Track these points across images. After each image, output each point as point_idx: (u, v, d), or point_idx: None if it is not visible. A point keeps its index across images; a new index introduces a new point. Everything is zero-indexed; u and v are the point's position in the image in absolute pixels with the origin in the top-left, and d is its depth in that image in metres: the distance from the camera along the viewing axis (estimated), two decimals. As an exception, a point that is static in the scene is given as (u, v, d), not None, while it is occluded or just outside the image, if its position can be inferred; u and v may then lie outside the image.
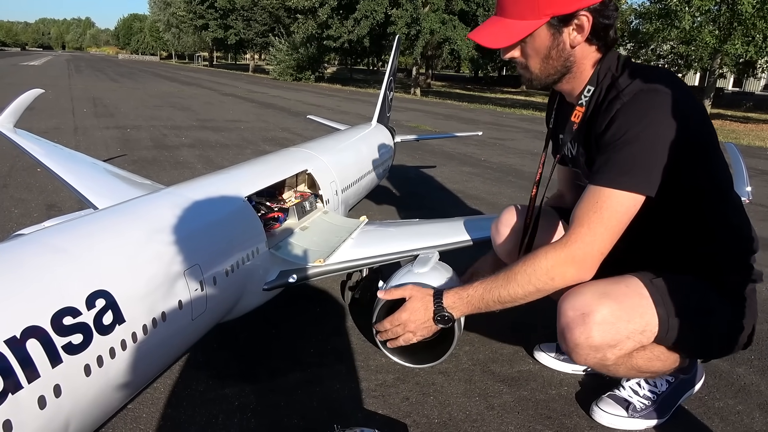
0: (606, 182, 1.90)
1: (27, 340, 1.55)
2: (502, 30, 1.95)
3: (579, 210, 1.96)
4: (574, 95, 2.15)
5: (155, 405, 2.60)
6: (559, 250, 1.97)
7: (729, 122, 23.34)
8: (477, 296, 2.12)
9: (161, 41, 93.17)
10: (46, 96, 14.65)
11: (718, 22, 16.62)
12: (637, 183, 1.88)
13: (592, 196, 1.93)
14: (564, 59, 2.01)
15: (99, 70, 43.05)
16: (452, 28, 29.64)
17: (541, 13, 1.88)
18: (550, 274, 1.98)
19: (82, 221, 2.31)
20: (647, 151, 1.86)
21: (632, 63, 2.03)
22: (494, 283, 2.08)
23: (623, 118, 1.89)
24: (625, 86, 1.94)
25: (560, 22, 1.91)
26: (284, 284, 3.01)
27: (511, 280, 2.04)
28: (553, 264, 1.97)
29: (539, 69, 2.05)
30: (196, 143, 10.48)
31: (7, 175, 7.00)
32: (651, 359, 2.22)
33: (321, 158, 4.11)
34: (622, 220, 1.91)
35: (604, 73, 2.03)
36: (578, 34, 1.95)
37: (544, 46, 1.97)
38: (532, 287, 2.02)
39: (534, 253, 2.03)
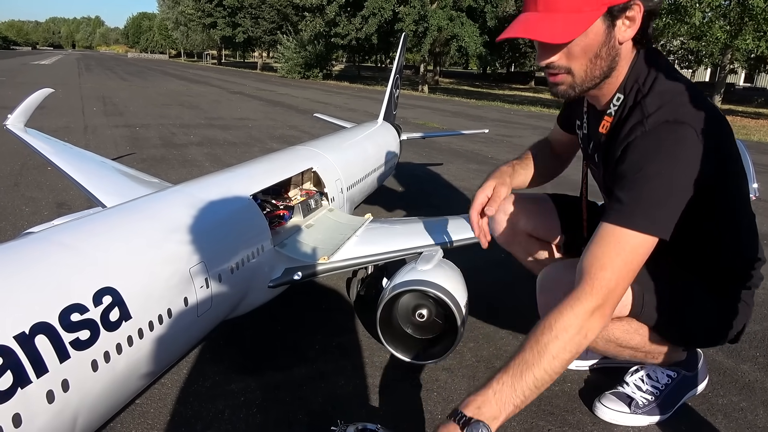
0: (627, 223, 1.74)
1: (36, 336, 1.59)
2: (557, 24, 1.67)
3: (599, 251, 1.75)
4: (602, 102, 1.99)
5: (162, 400, 2.64)
6: (586, 301, 1.68)
7: (740, 118, 23.14)
8: (507, 390, 1.53)
9: (170, 39, 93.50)
10: (56, 95, 14.79)
11: (729, 17, 16.46)
12: (659, 227, 1.75)
13: (611, 237, 1.75)
14: (612, 58, 1.80)
15: (108, 69, 43.32)
16: (460, 25, 29.54)
17: (600, 2, 1.65)
18: (583, 332, 1.65)
19: (91, 219, 2.36)
20: (670, 192, 1.74)
21: (661, 70, 1.85)
22: (523, 365, 1.56)
23: (643, 149, 1.76)
24: (650, 111, 1.79)
25: (616, 12, 1.68)
26: (289, 281, 3.04)
27: (544, 355, 1.57)
28: (583, 319, 1.65)
29: (585, 72, 1.80)
30: (204, 141, 10.54)
31: (18, 173, 7.09)
32: (628, 331, 2.22)
33: (326, 156, 4.14)
34: (642, 261, 1.78)
35: (633, 80, 1.87)
36: (629, 28, 1.73)
37: (597, 42, 1.73)
38: (569, 354, 1.61)
39: (557, 313, 1.66)
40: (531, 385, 1.54)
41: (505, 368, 1.57)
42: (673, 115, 1.75)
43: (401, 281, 2.81)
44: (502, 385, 1.53)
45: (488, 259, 4.48)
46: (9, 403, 1.47)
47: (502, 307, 3.79)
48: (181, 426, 2.48)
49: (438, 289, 2.71)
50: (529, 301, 3.86)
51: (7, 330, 1.54)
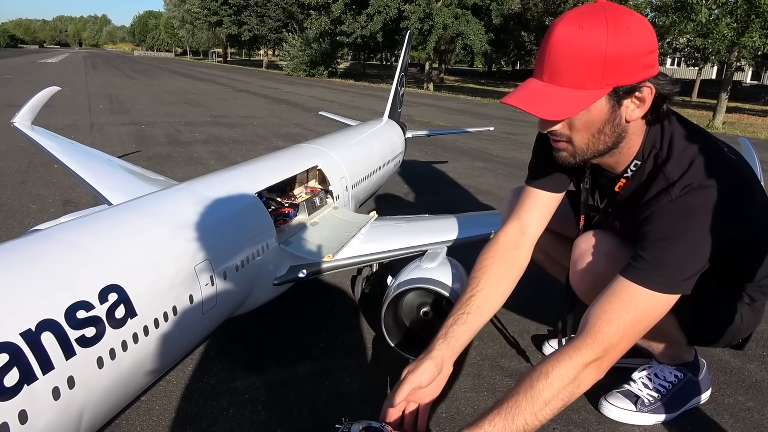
0: (645, 282, 1.73)
1: (42, 333, 1.60)
2: (557, 99, 1.65)
3: (608, 305, 1.74)
4: (618, 169, 1.97)
5: (167, 397, 2.64)
6: (585, 353, 1.68)
7: (747, 116, 23.03)
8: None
9: (176, 38, 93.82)
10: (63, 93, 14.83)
11: (736, 14, 16.33)
12: (676, 285, 1.74)
13: (625, 293, 1.74)
14: (617, 134, 1.77)
15: (115, 67, 43.46)
16: (465, 23, 29.50)
17: (604, 82, 1.61)
18: (577, 382, 1.66)
19: (97, 217, 2.36)
20: (692, 253, 1.73)
21: (679, 134, 1.83)
22: (515, 408, 1.59)
23: (668, 216, 1.76)
24: (674, 179, 1.77)
25: (623, 93, 1.66)
26: (294, 279, 3.04)
27: (536, 400, 1.60)
28: (578, 370, 1.66)
29: (587, 144, 1.78)
30: (210, 139, 10.56)
31: (25, 171, 7.12)
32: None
33: (331, 154, 4.14)
34: (653, 322, 1.77)
35: (649, 148, 1.85)
36: (637, 108, 1.70)
37: (600, 119, 1.71)
38: (560, 402, 1.64)
39: (555, 361, 1.67)
40: (521, 428, 1.57)
41: (498, 409, 1.60)
42: (697, 179, 1.74)
43: (406, 279, 2.80)
44: (494, 427, 1.56)
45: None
46: (15, 400, 1.48)
47: (506, 305, 3.77)
48: (186, 423, 2.48)
49: (442, 287, 2.70)
50: (533, 300, 3.86)
51: (13, 327, 1.55)
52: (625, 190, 1.99)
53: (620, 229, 2.16)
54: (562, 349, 1.72)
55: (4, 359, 1.48)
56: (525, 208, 2.28)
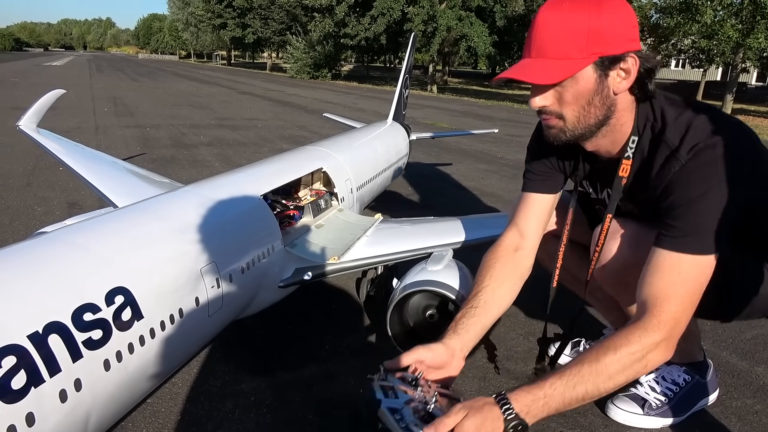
0: (684, 248, 1.75)
1: (49, 336, 1.60)
2: (545, 68, 1.73)
3: (659, 282, 1.76)
4: (615, 150, 2.01)
5: (173, 400, 2.65)
6: (654, 334, 1.68)
7: (752, 117, 22.93)
8: (557, 396, 1.57)
9: (180, 40, 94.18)
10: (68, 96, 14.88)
11: (741, 15, 16.30)
12: (715, 242, 1.74)
13: (670, 266, 1.76)
14: (607, 107, 1.83)
15: (119, 70, 43.65)
16: (469, 25, 29.51)
17: (588, 51, 1.69)
18: (644, 362, 1.67)
19: (103, 219, 2.38)
20: (721, 208, 1.74)
21: (668, 104, 1.89)
22: (578, 377, 1.60)
23: (686, 180, 1.77)
24: (676, 143, 1.81)
25: (608, 63, 1.73)
26: (299, 281, 3.04)
27: (601, 373, 1.61)
28: (648, 350, 1.67)
29: (577, 118, 1.84)
30: (214, 141, 10.59)
31: (31, 173, 7.15)
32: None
33: (336, 156, 4.14)
34: (702, 288, 1.78)
35: (643, 122, 1.91)
36: (624, 80, 1.77)
37: (588, 90, 1.77)
38: (624, 378, 1.66)
39: (624, 338, 1.68)
40: (579, 397, 1.59)
41: (560, 374, 1.61)
42: (701, 139, 1.77)
43: (411, 282, 2.79)
44: (554, 390, 1.57)
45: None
46: (22, 402, 1.48)
47: (511, 308, 3.76)
48: (192, 425, 2.48)
49: (448, 290, 2.70)
50: (539, 302, 3.84)
51: (20, 329, 1.55)
52: (630, 173, 2.00)
53: (640, 213, 2.14)
54: (628, 327, 1.72)
55: (12, 361, 1.48)
56: (522, 214, 2.35)
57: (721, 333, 3.53)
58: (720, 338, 3.46)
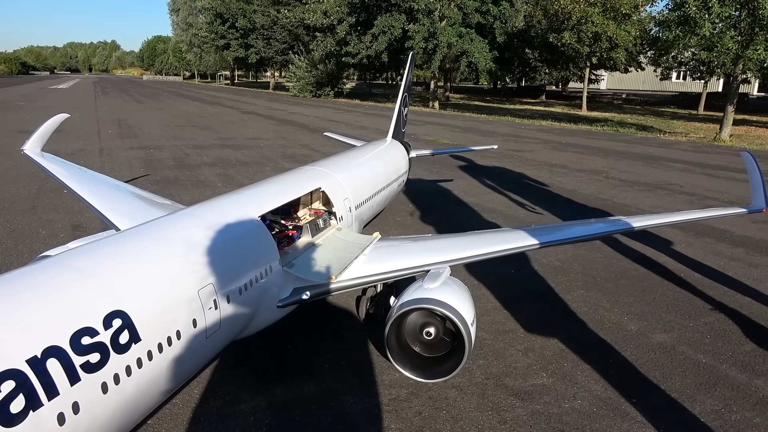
0: None
1: (47, 360, 1.65)
2: None
3: None
4: None
5: (174, 420, 2.67)
6: None
7: (755, 128, 22.94)
8: None
9: (184, 61, 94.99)
10: (73, 118, 14.97)
11: (739, 27, 16.35)
12: None
13: None
14: None
15: (124, 92, 44.10)
16: (469, 41, 29.70)
17: None
18: None
19: (103, 243, 2.43)
20: None
21: None
22: None
23: None
24: None
25: None
26: (298, 301, 3.07)
27: None
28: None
29: None
30: (217, 162, 10.67)
31: (36, 196, 7.23)
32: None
33: (334, 176, 4.20)
34: None
35: None
36: None
37: None
38: None
39: None
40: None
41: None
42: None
43: (408, 299, 2.84)
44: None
45: (497, 275, 4.50)
46: (21, 426, 1.52)
47: (510, 323, 3.79)
48: (192, 446, 2.50)
49: (445, 308, 2.73)
50: (536, 318, 3.86)
51: (19, 354, 1.60)
52: None
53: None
54: None
55: (11, 386, 1.53)
56: None
57: (720, 346, 3.53)
58: (719, 351, 3.46)
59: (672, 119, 27.37)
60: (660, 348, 3.49)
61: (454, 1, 29.38)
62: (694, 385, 3.07)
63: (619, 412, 2.79)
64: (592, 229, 3.39)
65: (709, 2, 15.66)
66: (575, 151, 13.77)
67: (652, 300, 4.24)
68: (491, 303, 4.09)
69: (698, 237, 5.99)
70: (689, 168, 11.42)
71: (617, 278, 4.66)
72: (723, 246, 5.71)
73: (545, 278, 4.53)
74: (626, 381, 3.09)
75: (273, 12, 46.31)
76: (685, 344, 3.55)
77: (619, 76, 45.99)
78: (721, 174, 10.77)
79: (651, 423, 2.71)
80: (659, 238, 5.87)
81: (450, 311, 2.70)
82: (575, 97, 41.80)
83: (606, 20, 25.70)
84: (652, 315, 3.96)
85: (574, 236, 3.43)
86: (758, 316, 4.02)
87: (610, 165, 11.31)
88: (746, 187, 9.32)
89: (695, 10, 15.96)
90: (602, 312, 3.97)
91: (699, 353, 3.44)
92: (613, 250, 5.41)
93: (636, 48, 29.21)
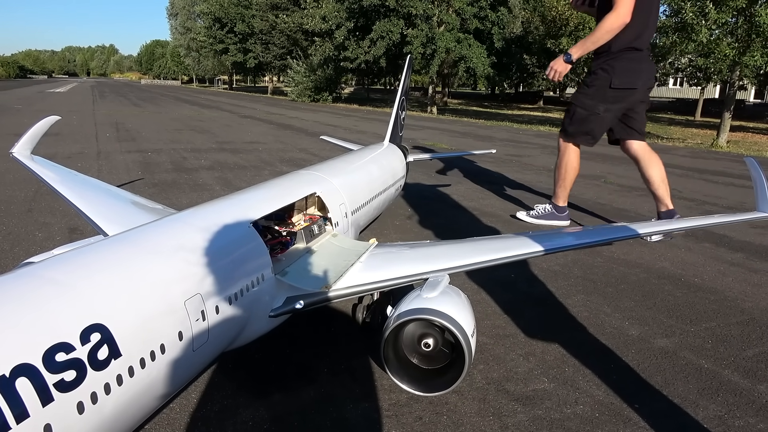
0: None
1: (17, 379, 1.51)
2: None
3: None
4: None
5: (171, 425, 2.62)
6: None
7: (751, 134, 23.01)
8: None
9: (182, 66, 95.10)
10: (70, 122, 14.95)
11: (736, 34, 16.42)
12: None
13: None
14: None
15: (122, 96, 44.06)
16: (467, 47, 29.80)
17: None
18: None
19: (83, 252, 2.28)
20: None
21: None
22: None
23: None
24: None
25: None
26: (290, 311, 2.96)
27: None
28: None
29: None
30: (215, 165, 10.64)
31: (32, 199, 7.18)
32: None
33: (330, 180, 4.11)
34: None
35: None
36: None
37: None
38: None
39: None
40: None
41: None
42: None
43: (406, 310, 2.71)
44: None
45: (497, 280, 4.47)
46: None
47: (510, 328, 3.75)
48: (188, 453, 2.46)
49: (444, 318, 2.62)
50: (537, 322, 3.83)
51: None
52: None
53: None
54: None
55: None
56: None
57: (722, 351, 3.51)
58: (721, 356, 3.44)
59: (669, 125, 27.42)
60: (661, 353, 3.46)
61: (452, 7, 29.43)
62: (697, 390, 3.04)
63: (621, 418, 2.76)
64: (597, 236, 3.30)
65: (706, 8, 15.72)
66: (573, 156, 13.76)
67: (653, 305, 4.21)
68: (491, 307, 4.05)
69: (697, 242, 5.98)
70: (687, 173, 11.44)
71: (617, 283, 4.64)
72: (723, 251, 5.69)
73: (545, 282, 4.50)
74: (628, 386, 3.06)
75: (271, 17, 46.37)
76: (687, 349, 3.52)
77: (616, 82, 46.18)
78: (720, 179, 10.79)
79: (654, 428, 2.68)
80: (658, 243, 5.86)
81: (449, 322, 2.60)
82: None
83: (603, 26, 25.79)
84: (653, 320, 3.93)
85: (577, 243, 3.33)
86: (759, 321, 4.00)
87: (608, 170, 11.31)
88: (745, 193, 9.32)
89: (692, 16, 16.01)
90: (603, 317, 3.94)
91: (701, 358, 3.41)
92: (613, 254, 5.39)
93: (633, 54, 29.33)
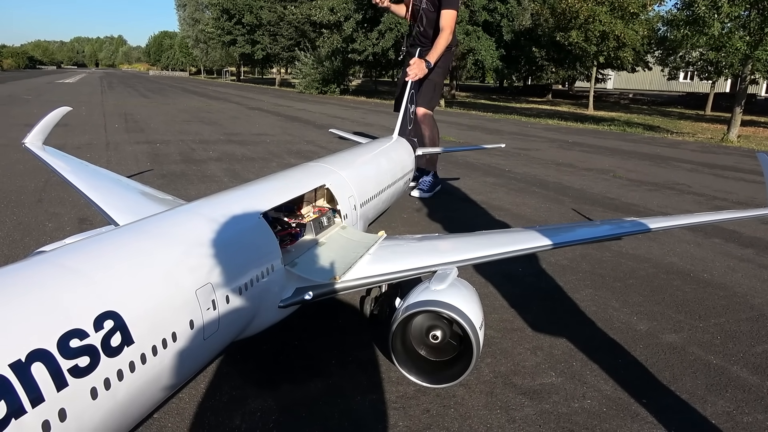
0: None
1: (32, 364, 1.54)
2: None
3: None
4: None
5: (180, 415, 2.65)
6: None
7: (762, 129, 22.81)
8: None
9: (190, 57, 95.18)
10: (79, 112, 15.02)
11: (749, 27, 16.23)
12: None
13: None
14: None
15: (130, 87, 44.16)
16: (476, 39, 29.65)
17: None
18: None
19: (98, 240, 2.31)
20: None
21: None
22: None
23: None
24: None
25: None
26: (300, 301, 2.99)
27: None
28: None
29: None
30: (223, 157, 10.66)
31: (42, 189, 7.23)
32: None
33: (339, 173, 4.11)
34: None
35: None
36: None
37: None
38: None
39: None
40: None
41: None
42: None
43: (414, 302, 2.74)
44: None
45: (504, 273, 4.47)
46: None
47: (518, 322, 3.75)
48: (198, 442, 2.48)
49: (452, 310, 2.64)
50: (545, 316, 3.83)
51: (2, 358, 1.50)
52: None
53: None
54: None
55: None
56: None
57: (731, 347, 3.49)
58: (730, 352, 3.43)
59: (679, 119, 27.22)
60: (670, 348, 3.45)
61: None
62: (705, 386, 3.03)
63: (629, 413, 2.76)
64: (607, 230, 3.28)
65: (719, 2, 15.55)
66: (582, 150, 13.73)
67: (662, 300, 4.20)
68: (498, 301, 4.05)
69: (707, 237, 5.95)
70: (697, 168, 11.36)
71: (626, 278, 4.62)
72: (732, 246, 5.66)
73: (553, 277, 4.49)
74: (636, 381, 3.06)
75: (279, 8, 46.23)
76: (696, 345, 3.51)
77: (626, 75, 45.81)
78: (730, 174, 10.71)
79: (662, 424, 2.68)
80: (668, 238, 5.83)
81: (457, 314, 2.62)
82: (582, 97, 41.63)
83: (614, 19, 25.54)
84: (661, 315, 3.92)
85: (586, 237, 3.31)
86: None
87: (617, 164, 11.26)
88: (756, 188, 9.24)
89: (704, 10, 15.85)
90: (611, 311, 3.93)
91: (709, 354, 3.40)
92: (621, 249, 5.37)
93: (644, 47, 29.02)
